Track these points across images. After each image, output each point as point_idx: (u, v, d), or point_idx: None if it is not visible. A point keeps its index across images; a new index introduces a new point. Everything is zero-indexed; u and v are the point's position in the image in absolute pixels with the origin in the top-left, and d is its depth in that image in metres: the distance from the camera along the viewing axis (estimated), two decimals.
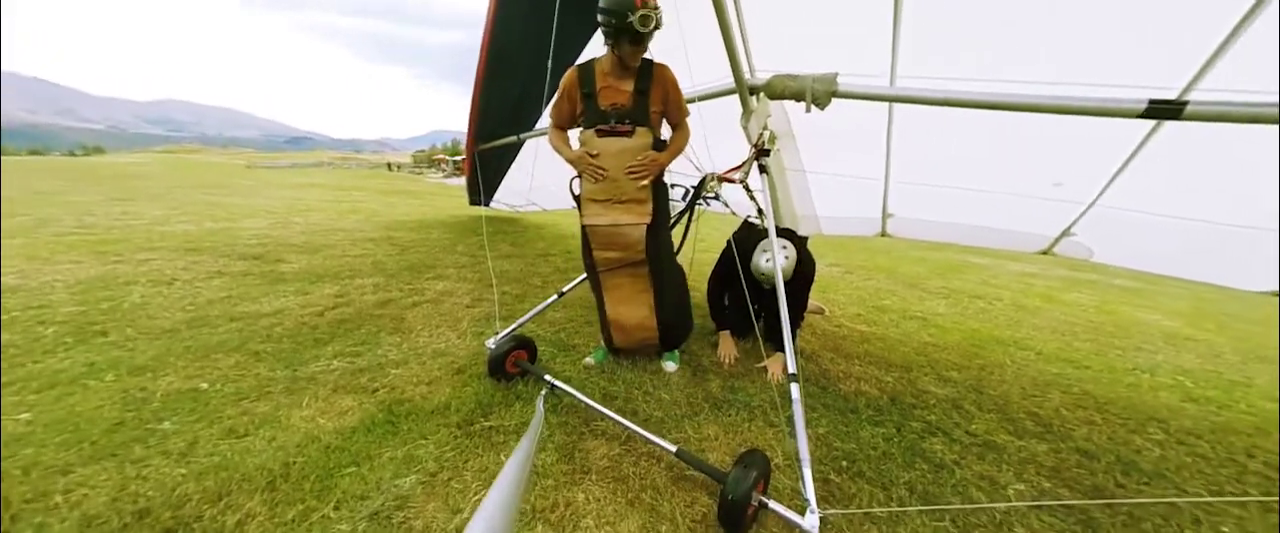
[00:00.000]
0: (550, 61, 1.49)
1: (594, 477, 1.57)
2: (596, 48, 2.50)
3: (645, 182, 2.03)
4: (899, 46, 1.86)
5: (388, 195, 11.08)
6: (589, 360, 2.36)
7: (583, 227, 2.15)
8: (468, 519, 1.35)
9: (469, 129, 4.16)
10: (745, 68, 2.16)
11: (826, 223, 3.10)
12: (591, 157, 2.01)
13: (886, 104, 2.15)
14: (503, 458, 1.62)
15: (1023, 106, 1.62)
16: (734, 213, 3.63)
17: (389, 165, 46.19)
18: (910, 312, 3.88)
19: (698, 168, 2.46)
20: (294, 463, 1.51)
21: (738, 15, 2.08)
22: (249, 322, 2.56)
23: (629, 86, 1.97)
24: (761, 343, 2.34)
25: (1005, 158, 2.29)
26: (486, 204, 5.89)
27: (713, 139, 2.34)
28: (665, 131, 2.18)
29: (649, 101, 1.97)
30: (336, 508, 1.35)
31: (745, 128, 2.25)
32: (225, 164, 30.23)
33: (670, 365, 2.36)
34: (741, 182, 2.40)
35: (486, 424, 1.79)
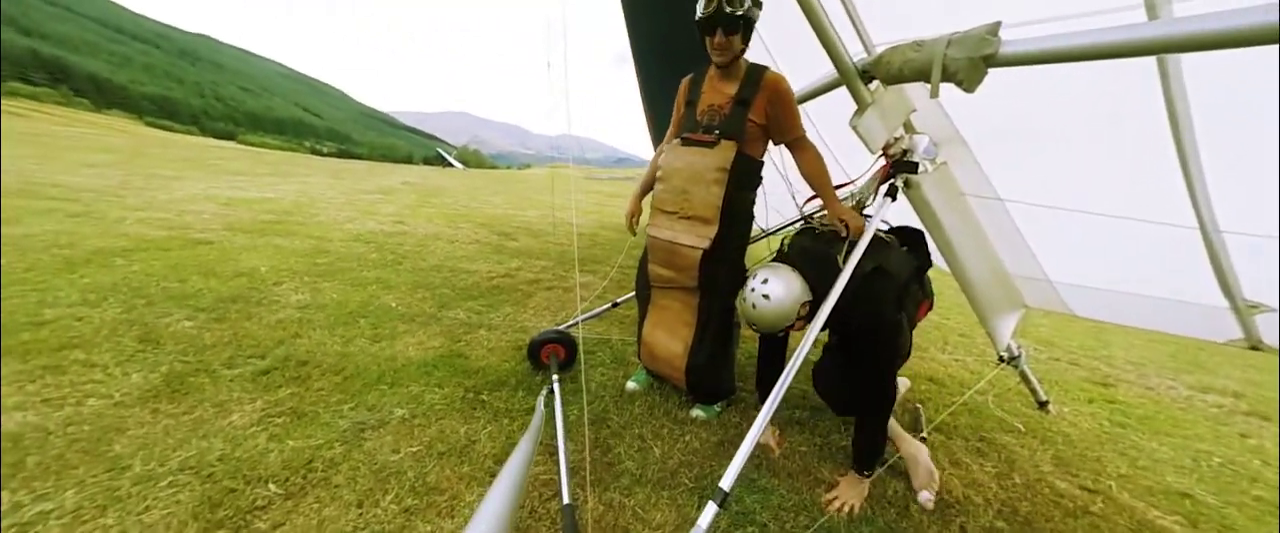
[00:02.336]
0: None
1: None
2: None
3: (717, 203, 1.74)
4: None
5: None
6: (632, 385, 2.19)
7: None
8: (392, 461, 1.55)
9: (652, 141, 4.50)
10: (851, 44, 1.49)
11: (1080, 297, 1.72)
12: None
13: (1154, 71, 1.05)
14: (462, 430, 1.74)
15: None
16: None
17: None
18: None
19: (793, 193, 1.86)
20: (370, 369, 2.10)
21: None
22: (455, 274, 3.66)
23: (731, 91, 1.76)
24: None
25: None
26: None
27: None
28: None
29: (748, 111, 1.72)
30: (354, 408, 1.81)
31: (857, 128, 1.57)
32: (575, 176, 43.13)
33: (698, 414, 2.00)
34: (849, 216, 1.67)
35: (481, 398, 1.96)
